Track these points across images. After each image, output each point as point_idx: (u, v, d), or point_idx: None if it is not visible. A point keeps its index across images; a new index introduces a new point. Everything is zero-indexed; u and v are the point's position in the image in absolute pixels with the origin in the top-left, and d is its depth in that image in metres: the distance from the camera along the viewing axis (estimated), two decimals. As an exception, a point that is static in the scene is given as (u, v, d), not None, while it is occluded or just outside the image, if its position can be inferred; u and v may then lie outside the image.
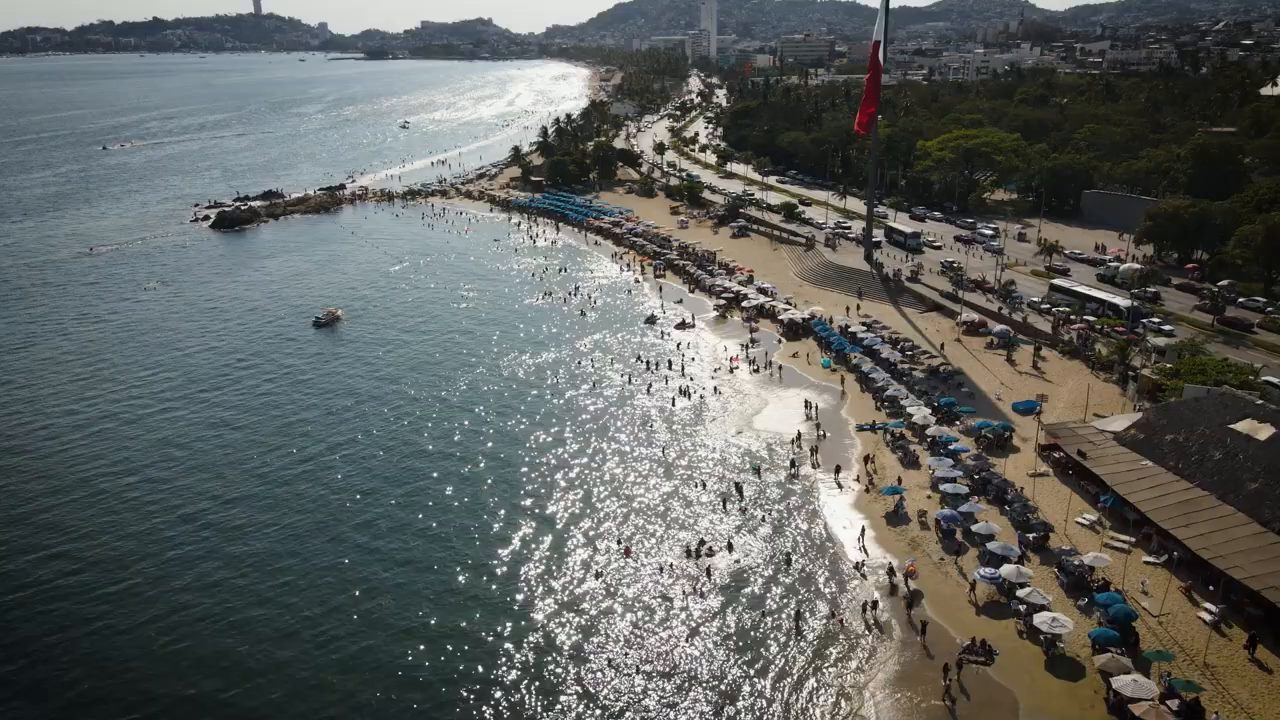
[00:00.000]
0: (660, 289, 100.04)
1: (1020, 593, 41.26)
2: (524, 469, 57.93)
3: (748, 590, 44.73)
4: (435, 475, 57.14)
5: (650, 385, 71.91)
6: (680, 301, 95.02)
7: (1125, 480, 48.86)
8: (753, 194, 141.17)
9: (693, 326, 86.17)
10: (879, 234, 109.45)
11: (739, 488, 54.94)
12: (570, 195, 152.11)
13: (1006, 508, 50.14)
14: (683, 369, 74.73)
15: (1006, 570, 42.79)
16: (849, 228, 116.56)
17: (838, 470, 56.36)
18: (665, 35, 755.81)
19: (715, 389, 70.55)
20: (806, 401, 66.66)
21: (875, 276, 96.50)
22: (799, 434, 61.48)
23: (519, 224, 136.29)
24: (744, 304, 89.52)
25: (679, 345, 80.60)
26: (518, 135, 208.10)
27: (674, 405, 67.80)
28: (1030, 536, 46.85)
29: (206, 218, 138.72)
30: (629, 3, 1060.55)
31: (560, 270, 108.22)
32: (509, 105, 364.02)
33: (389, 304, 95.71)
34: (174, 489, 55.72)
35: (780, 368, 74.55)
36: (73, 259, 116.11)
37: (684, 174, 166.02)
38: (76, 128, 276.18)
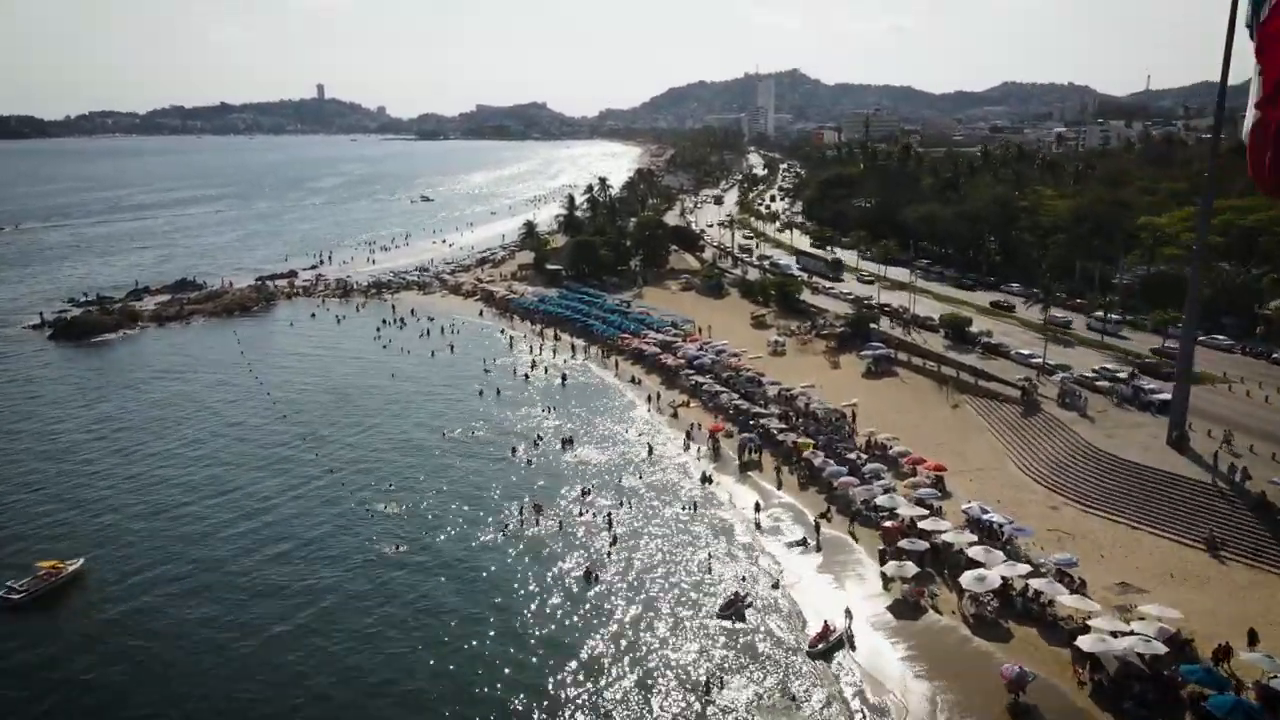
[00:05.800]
0: (758, 505, 49.10)
1: None
2: None
3: None
4: None
5: None
6: (803, 544, 44.29)
7: None
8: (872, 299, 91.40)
9: (847, 646, 34.99)
10: None
11: None
12: (599, 293, 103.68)
13: None
14: None
15: None
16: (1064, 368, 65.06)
17: None
18: (719, 115, 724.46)
19: None
20: None
21: (1232, 498, 44.39)
22: None
23: (517, 341, 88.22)
24: (967, 580, 37.91)
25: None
26: (550, 216, 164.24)
27: None
28: None
29: (56, 321, 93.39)
30: (683, 87, 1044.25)
31: (563, 445, 58.51)
32: (550, 179, 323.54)
33: (202, 543, 45.34)
34: None
35: None
36: None
37: (767, 261, 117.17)
38: (40, 203, 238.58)
